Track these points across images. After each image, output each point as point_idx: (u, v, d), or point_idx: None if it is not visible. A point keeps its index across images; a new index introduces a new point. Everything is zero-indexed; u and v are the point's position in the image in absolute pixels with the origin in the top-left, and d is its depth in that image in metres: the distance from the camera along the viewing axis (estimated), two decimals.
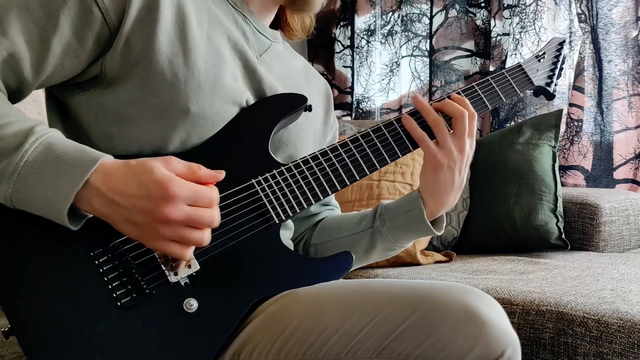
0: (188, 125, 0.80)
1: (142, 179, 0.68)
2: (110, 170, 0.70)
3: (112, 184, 0.69)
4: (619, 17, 2.03)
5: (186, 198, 0.69)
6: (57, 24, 0.74)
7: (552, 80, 1.05)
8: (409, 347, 0.69)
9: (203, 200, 0.70)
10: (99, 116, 0.80)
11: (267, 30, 0.95)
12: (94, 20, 0.76)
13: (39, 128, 0.71)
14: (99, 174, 0.69)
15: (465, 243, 1.91)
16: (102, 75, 0.78)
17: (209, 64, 0.82)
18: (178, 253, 0.71)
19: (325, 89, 1.08)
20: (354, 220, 1.01)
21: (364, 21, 2.61)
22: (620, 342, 1.09)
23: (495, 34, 2.27)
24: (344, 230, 1.00)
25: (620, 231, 1.81)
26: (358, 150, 0.88)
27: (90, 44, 0.77)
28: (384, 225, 0.96)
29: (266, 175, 0.83)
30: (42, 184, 0.68)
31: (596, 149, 2.08)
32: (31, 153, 0.68)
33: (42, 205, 0.69)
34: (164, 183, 0.68)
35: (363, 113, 2.63)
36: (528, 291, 1.27)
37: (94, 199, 0.69)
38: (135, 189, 0.68)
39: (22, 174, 0.68)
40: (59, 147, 0.70)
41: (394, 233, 0.96)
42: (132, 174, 0.69)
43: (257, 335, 0.77)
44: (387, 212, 0.97)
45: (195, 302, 0.74)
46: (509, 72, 1.01)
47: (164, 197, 0.67)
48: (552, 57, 1.06)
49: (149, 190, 0.68)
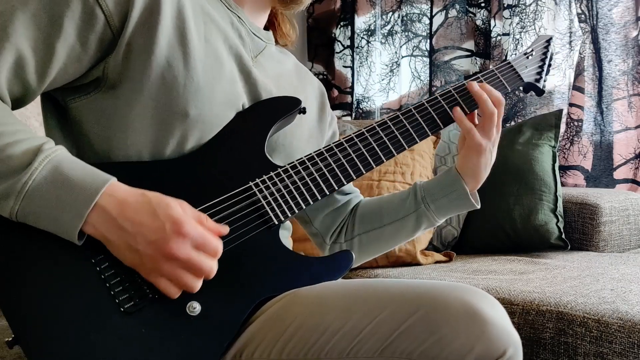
0: (186, 128, 0.80)
1: (158, 212, 0.70)
2: (124, 196, 0.71)
3: (124, 210, 0.70)
4: (619, 17, 2.03)
5: (195, 240, 0.71)
6: (61, 29, 0.74)
7: (541, 76, 1.07)
8: (411, 346, 0.69)
9: (209, 247, 0.72)
10: (98, 119, 0.80)
11: (261, 32, 0.95)
12: (97, 24, 0.76)
13: (47, 146, 0.71)
14: (110, 197, 0.70)
15: (466, 243, 1.91)
16: (104, 78, 0.78)
17: (208, 67, 0.82)
18: (168, 291, 0.72)
19: (319, 87, 1.09)
20: (394, 205, 1.03)
21: (364, 21, 2.61)
22: (620, 342, 1.09)
23: (495, 34, 2.27)
24: (386, 217, 1.03)
25: (620, 231, 1.81)
26: (353, 149, 0.89)
27: (93, 47, 0.77)
28: (429, 208, 1.00)
29: (264, 177, 0.83)
30: (50, 203, 0.69)
31: (596, 149, 2.07)
32: (40, 172, 0.69)
33: (49, 223, 0.70)
34: (178, 220, 0.70)
35: (363, 113, 2.63)
36: (528, 291, 1.27)
37: (101, 222, 0.70)
38: (149, 219, 0.70)
39: (30, 193, 0.69)
40: (66, 166, 0.71)
41: (439, 213, 1.01)
42: (148, 205, 0.70)
43: (258, 335, 0.77)
44: (429, 195, 1.00)
45: (198, 305, 0.74)
46: (499, 69, 1.03)
47: (176, 233, 0.69)
48: (540, 54, 1.08)
49: (162, 224, 0.69)
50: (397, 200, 1.03)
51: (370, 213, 1.05)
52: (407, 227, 1.01)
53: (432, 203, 0.99)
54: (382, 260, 1.70)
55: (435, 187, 1.00)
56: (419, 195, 1.00)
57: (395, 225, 1.02)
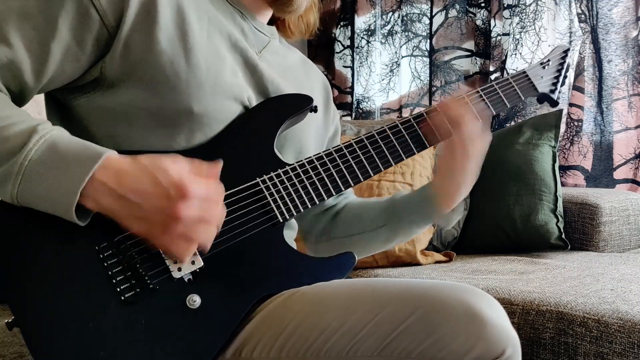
0: (192, 124, 0.81)
1: (157, 178, 0.69)
2: (119, 166, 0.70)
3: (123, 180, 0.69)
4: (619, 17, 2.02)
5: (200, 196, 0.70)
6: (56, 29, 0.74)
7: (556, 87, 1.05)
8: (410, 346, 0.69)
9: (214, 196, 0.72)
10: (102, 118, 0.80)
11: (265, 27, 0.95)
12: (92, 23, 0.76)
13: (43, 126, 0.71)
14: (106, 169, 0.70)
15: (465, 243, 1.91)
16: (102, 77, 0.78)
17: (210, 62, 0.82)
18: (183, 250, 0.72)
19: (324, 82, 1.08)
20: (371, 215, 1.02)
21: (364, 21, 2.60)
22: (620, 342, 1.09)
23: (495, 34, 2.27)
24: (362, 225, 1.02)
25: (620, 231, 1.81)
26: (363, 152, 0.89)
27: (90, 46, 0.77)
28: (401, 222, 0.99)
29: (271, 174, 0.83)
30: (46, 182, 0.68)
31: (596, 149, 2.07)
32: (35, 152, 0.69)
33: (48, 203, 0.69)
34: (180, 182, 0.69)
35: (363, 113, 2.63)
36: (528, 291, 1.27)
37: (101, 195, 0.69)
38: (151, 187, 0.69)
39: (27, 173, 0.68)
40: (62, 144, 0.70)
41: (410, 228, 1.00)
42: (146, 172, 0.70)
43: (258, 333, 0.77)
44: (401, 210, 0.99)
45: (199, 298, 0.75)
46: (514, 78, 1.01)
47: (181, 196, 0.69)
48: (556, 64, 1.06)
49: (165, 189, 0.69)
50: (376, 210, 1.02)
51: (350, 218, 1.05)
52: (379, 239, 1.01)
53: (402, 219, 0.99)
54: (381, 260, 1.70)
55: (408, 203, 0.99)
56: (393, 210, 1.00)
57: (370, 235, 1.01)
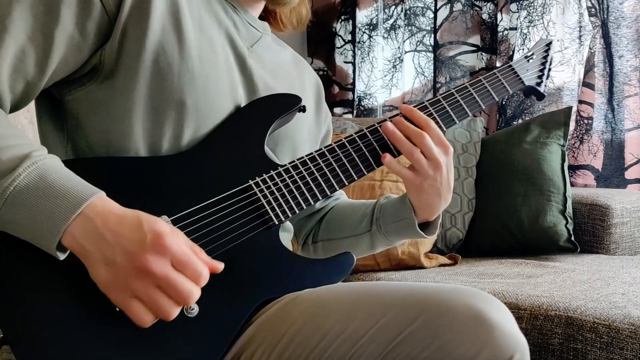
0: (181, 118, 0.80)
1: (142, 224, 0.68)
2: (111, 208, 0.69)
3: (108, 220, 0.67)
4: (630, 10, 2.03)
5: (176, 257, 0.67)
6: (59, 17, 0.75)
7: (541, 80, 1.09)
8: (414, 352, 0.68)
9: (191, 269, 0.68)
10: (95, 111, 0.80)
11: (257, 22, 0.96)
12: (94, 10, 0.76)
13: (37, 153, 0.70)
14: (96, 208, 0.68)
15: (471, 245, 1.91)
16: (101, 66, 0.79)
17: (203, 55, 0.82)
18: (139, 316, 0.67)
19: (316, 81, 1.09)
20: (354, 221, 1.03)
21: (366, 15, 2.62)
22: (631, 349, 1.08)
23: (502, 28, 2.26)
24: (345, 230, 1.03)
25: (632, 233, 1.80)
26: (355, 149, 0.89)
27: (92, 35, 0.77)
28: (380, 230, 0.99)
29: (264, 176, 0.83)
30: (29, 213, 0.67)
31: (607, 148, 2.07)
32: (23, 178, 0.67)
33: (28, 234, 0.68)
34: (160, 234, 0.67)
35: (365, 110, 2.65)
36: (536, 295, 1.27)
37: (81, 232, 0.67)
38: (132, 231, 0.67)
39: (10, 200, 0.67)
40: (54, 175, 0.69)
41: (389, 237, 0.99)
42: (136, 219, 0.68)
43: (258, 338, 0.77)
44: (383, 217, 0.99)
45: (196, 306, 0.72)
46: (501, 72, 1.05)
47: (154, 246, 0.66)
48: (540, 57, 1.10)
49: (142, 236, 0.67)
50: (359, 215, 1.03)
51: (335, 221, 1.06)
52: (362, 244, 1.02)
53: (383, 226, 0.98)
54: (384, 263, 1.71)
55: (390, 209, 0.99)
56: (375, 216, 1.00)
57: (352, 240, 1.02)
